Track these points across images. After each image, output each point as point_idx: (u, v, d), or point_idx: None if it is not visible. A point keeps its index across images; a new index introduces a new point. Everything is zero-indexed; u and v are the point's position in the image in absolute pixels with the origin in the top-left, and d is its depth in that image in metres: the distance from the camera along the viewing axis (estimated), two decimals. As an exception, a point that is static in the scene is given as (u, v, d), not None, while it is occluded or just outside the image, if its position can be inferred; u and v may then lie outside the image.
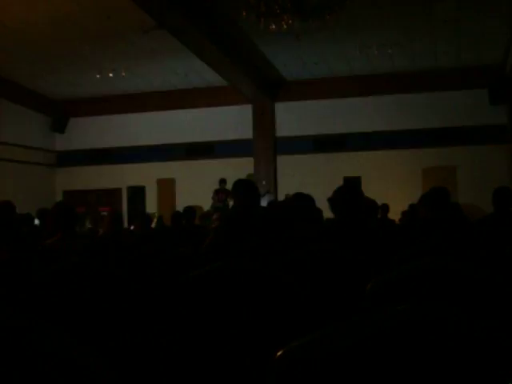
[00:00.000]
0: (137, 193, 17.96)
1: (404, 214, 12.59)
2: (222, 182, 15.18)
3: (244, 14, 10.24)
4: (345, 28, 12.10)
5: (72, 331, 1.33)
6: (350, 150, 16.57)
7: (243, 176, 12.83)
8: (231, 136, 17.20)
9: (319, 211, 5.90)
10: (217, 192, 15.27)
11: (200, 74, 15.18)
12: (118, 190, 18.14)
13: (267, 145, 17.04)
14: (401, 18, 12.03)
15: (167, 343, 2.65)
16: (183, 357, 2.54)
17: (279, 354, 1.27)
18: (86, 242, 5.07)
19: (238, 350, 2.44)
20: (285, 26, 10.21)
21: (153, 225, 11.46)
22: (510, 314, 2.08)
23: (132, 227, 10.99)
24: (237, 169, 15.65)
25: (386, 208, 13.13)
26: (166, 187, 17.60)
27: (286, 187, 15.83)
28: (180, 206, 11.24)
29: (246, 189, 5.01)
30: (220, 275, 2.56)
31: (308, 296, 2.36)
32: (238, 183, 5.11)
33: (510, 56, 13.86)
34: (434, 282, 2.24)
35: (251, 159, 16.86)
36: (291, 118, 17.02)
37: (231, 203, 11.92)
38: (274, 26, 10.31)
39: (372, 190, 12.62)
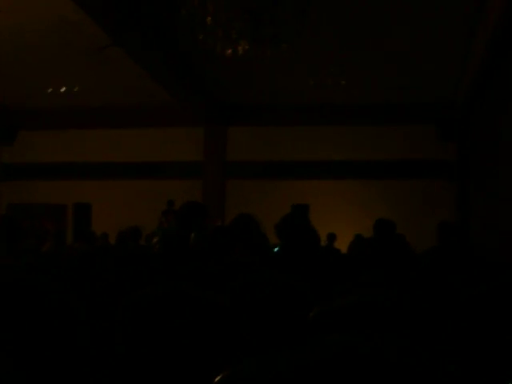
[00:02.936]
0: (83, 210, 17.73)
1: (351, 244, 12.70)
2: (170, 203, 15.06)
3: (200, 37, 10.28)
4: (300, 57, 12.21)
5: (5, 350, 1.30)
6: (299, 178, 16.67)
7: (192, 198, 12.77)
8: (181, 157, 17.17)
9: (263, 236, 5.89)
10: (164, 213, 15.14)
11: (152, 94, 15.11)
12: (64, 207, 17.88)
13: (217, 168, 17.05)
14: (354, 51, 12.22)
15: (106, 364, 2.61)
16: (123, 376, 2.50)
17: (217, 379, 1.26)
18: (28, 257, 4.98)
19: (176, 374, 2.41)
20: (241, 52, 10.26)
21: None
22: (445, 343, 2.11)
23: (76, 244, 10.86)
24: (186, 191, 15.59)
25: (332, 237, 13.25)
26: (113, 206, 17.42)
27: (234, 212, 15.80)
28: (126, 226, 11.11)
29: (189, 211, 4.96)
30: (155, 298, 2.54)
31: (248, 322, 2.35)
32: (183, 205, 5.07)
33: (460, 93, 14.17)
34: (375, 313, 2.25)
35: (200, 182, 16.89)
36: (242, 143, 17.07)
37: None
38: (230, 51, 10.36)
39: (320, 218, 12.70)
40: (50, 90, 15.24)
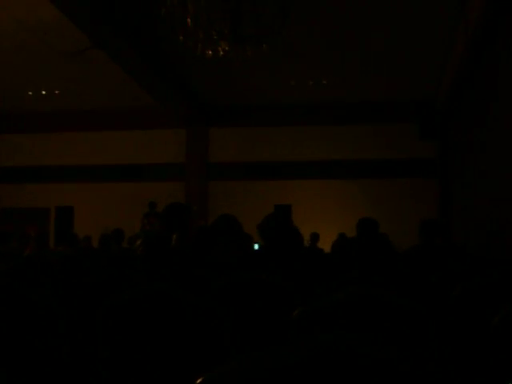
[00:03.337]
0: (65, 213, 17.63)
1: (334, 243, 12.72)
2: (152, 205, 15.00)
3: (181, 38, 10.24)
4: (281, 57, 12.22)
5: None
6: (281, 178, 16.68)
7: (175, 200, 12.73)
8: (163, 159, 17.13)
9: (248, 236, 5.89)
10: (146, 216, 15.09)
11: (134, 96, 15.05)
12: (46, 210, 17.77)
13: (199, 170, 17.02)
14: (336, 50, 12.24)
15: (92, 366, 2.60)
16: (106, 379, 2.49)
17: (199, 381, 1.25)
18: (11, 261, 4.94)
19: (159, 376, 2.40)
20: (221, 53, 10.25)
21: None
22: (429, 340, 2.11)
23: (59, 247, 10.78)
24: (168, 193, 15.55)
25: (315, 237, 13.25)
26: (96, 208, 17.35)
27: (217, 213, 15.75)
28: (109, 229, 11.08)
29: (173, 212, 4.94)
30: (138, 300, 2.52)
31: (231, 322, 2.35)
32: (167, 207, 5.05)
33: (441, 92, 14.24)
34: (359, 311, 2.25)
35: (183, 183, 16.86)
36: (224, 144, 17.05)
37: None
38: (210, 52, 10.33)
39: (303, 218, 12.73)
40: (30, 93, 15.17)
